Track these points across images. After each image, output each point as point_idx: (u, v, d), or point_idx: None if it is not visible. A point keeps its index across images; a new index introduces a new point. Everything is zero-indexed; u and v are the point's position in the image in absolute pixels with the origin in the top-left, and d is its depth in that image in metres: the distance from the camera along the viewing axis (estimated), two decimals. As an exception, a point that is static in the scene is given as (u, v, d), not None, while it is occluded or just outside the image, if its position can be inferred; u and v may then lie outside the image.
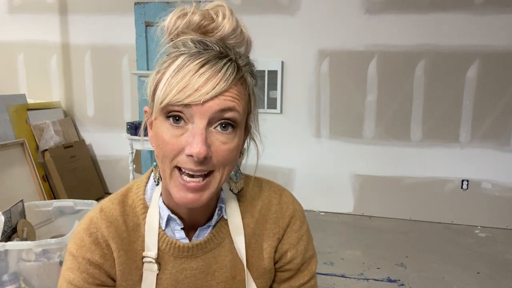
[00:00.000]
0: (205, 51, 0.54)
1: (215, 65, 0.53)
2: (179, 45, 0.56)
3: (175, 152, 0.54)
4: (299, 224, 0.72)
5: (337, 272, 2.40)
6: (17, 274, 1.72)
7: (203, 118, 0.53)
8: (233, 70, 0.54)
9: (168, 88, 0.52)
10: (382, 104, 3.28)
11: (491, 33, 3.01)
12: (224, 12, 0.57)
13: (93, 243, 0.63)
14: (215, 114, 0.53)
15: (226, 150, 0.55)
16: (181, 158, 0.54)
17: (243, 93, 0.57)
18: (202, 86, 0.52)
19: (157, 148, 0.57)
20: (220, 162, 0.55)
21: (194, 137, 0.52)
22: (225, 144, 0.55)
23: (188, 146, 0.53)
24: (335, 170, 3.43)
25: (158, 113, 0.55)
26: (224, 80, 0.53)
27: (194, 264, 0.67)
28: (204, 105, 0.52)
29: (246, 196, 0.71)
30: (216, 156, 0.55)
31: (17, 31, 3.86)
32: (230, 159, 0.57)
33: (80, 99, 3.87)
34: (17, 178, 3.07)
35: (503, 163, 3.13)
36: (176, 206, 0.65)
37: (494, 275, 2.41)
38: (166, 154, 0.55)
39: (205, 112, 0.52)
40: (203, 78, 0.52)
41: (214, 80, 0.52)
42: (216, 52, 0.55)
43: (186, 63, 0.53)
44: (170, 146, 0.54)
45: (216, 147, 0.54)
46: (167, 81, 0.53)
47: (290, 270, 0.73)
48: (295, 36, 3.33)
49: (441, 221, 3.29)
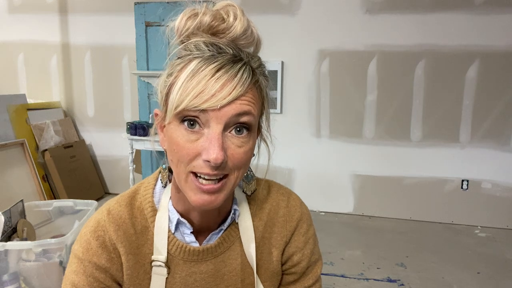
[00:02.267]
0: (219, 54, 0.53)
1: (231, 69, 0.52)
2: (191, 48, 0.55)
3: (190, 156, 0.53)
4: (306, 227, 0.72)
5: (337, 272, 2.40)
6: (17, 274, 1.72)
7: (219, 123, 0.52)
8: (248, 74, 0.54)
9: (183, 93, 0.51)
10: (382, 104, 3.28)
11: (491, 33, 3.01)
12: (235, 12, 0.56)
13: (100, 246, 0.62)
14: (231, 118, 0.53)
15: (241, 153, 0.55)
16: (197, 163, 0.53)
17: (257, 96, 0.57)
18: (219, 91, 0.51)
19: (171, 152, 0.56)
20: (235, 166, 0.55)
21: (211, 142, 0.52)
22: (240, 147, 0.55)
23: (205, 152, 0.52)
24: (335, 170, 3.43)
25: (172, 117, 0.54)
26: (241, 85, 0.52)
27: (204, 268, 0.66)
28: (221, 110, 0.52)
29: (255, 199, 0.71)
30: (232, 160, 0.54)
31: (17, 31, 3.86)
32: (245, 162, 0.56)
33: (80, 99, 3.87)
34: (17, 178, 3.07)
35: (503, 163, 3.13)
36: (186, 210, 0.64)
37: (494, 275, 2.41)
38: (182, 159, 0.54)
39: (221, 117, 0.52)
40: (219, 83, 0.51)
41: (230, 85, 0.52)
42: (230, 56, 0.54)
43: (201, 67, 0.52)
44: (186, 151, 0.53)
45: (232, 151, 0.54)
46: (182, 85, 0.52)
47: (295, 273, 0.73)
48: (295, 36, 3.33)
49: (441, 221, 3.29)
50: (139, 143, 3.19)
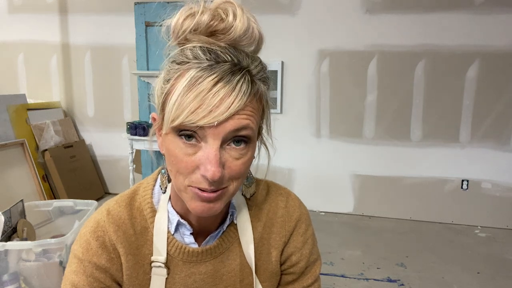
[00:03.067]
0: (218, 64, 0.51)
1: (229, 82, 0.50)
2: (188, 55, 0.52)
3: (189, 170, 0.53)
4: (304, 227, 0.72)
5: (337, 272, 2.40)
6: (17, 274, 1.73)
7: (217, 139, 0.51)
8: (247, 86, 0.51)
9: (180, 107, 0.49)
10: (382, 104, 3.28)
11: (491, 33, 3.01)
12: (234, 10, 0.54)
13: (100, 247, 0.62)
14: (229, 134, 0.51)
15: (239, 165, 0.54)
16: (196, 178, 0.53)
17: (257, 107, 0.54)
18: (216, 107, 0.49)
19: (170, 163, 0.55)
20: (233, 177, 0.54)
21: (207, 158, 0.50)
22: (238, 159, 0.54)
23: (203, 167, 0.51)
24: (335, 170, 3.43)
25: (169, 129, 0.53)
26: (239, 99, 0.50)
27: (203, 269, 0.67)
28: (218, 126, 0.50)
29: (254, 200, 0.70)
30: (230, 172, 0.53)
31: (17, 31, 3.86)
32: (242, 172, 0.55)
33: (80, 99, 3.87)
34: (17, 178, 3.07)
35: (503, 163, 3.13)
36: (185, 211, 0.64)
37: (494, 275, 2.41)
38: (180, 171, 0.54)
39: (219, 133, 0.50)
40: (217, 98, 0.49)
41: (228, 100, 0.49)
42: (229, 65, 0.51)
43: (198, 79, 0.50)
44: (184, 164, 0.53)
45: (230, 163, 0.53)
46: (178, 98, 0.50)
47: (294, 273, 0.73)
48: (295, 36, 3.33)
49: (441, 221, 3.29)
50: (139, 143, 3.19)
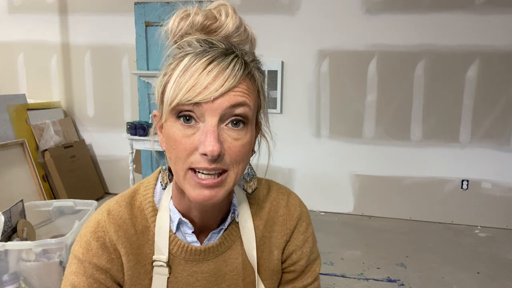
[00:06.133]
0: (211, 49, 0.54)
1: (222, 61, 0.53)
2: (184, 46, 0.56)
3: (187, 151, 0.53)
4: (305, 226, 0.73)
5: (337, 272, 2.40)
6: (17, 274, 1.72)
7: (214, 115, 0.52)
8: (240, 66, 0.54)
9: (177, 88, 0.52)
10: (382, 104, 3.28)
11: (491, 33, 3.01)
12: (227, 10, 0.57)
13: (100, 247, 0.62)
14: (226, 110, 0.53)
15: (238, 146, 0.55)
16: (195, 158, 0.53)
17: (252, 88, 0.56)
18: (211, 84, 0.51)
19: (169, 149, 0.56)
20: (233, 160, 0.55)
21: (207, 135, 0.52)
22: (237, 140, 0.54)
23: (201, 145, 0.52)
24: (335, 170, 3.43)
25: (168, 114, 0.55)
26: (233, 76, 0.53)
27: (206, 268, 0.67)
28: (214, 102, 0.52)
29: (255, 199, 0.71)
30: (230, 153, 0.54)
31: (17, 31, 3.86)
32: (243, 155, 0.56)
33: (80, 99, 3.87)
34: (17, 178, 3.07)
35: (503, 163, 3.13)
36: (187, 210, 0.64)
37: (494, 275, 2.41)
38: (179, 155, 0.54)
39: (215, 109, 0.52)
40: (211, 76, 0.51)
41: (222, 76, 0.52)
42: (222, 49, 0.54)
43: (193, 62, 0.53)
44: (183, 146, 0.53)
45: (229, 144, 0.54)
46: (175, 81, 0.53)
47: (294, 272, 0.73)
48: (295, 36, 3.33)
49: (441, 221, 3.29)
50: (139, 143, 3.19)
